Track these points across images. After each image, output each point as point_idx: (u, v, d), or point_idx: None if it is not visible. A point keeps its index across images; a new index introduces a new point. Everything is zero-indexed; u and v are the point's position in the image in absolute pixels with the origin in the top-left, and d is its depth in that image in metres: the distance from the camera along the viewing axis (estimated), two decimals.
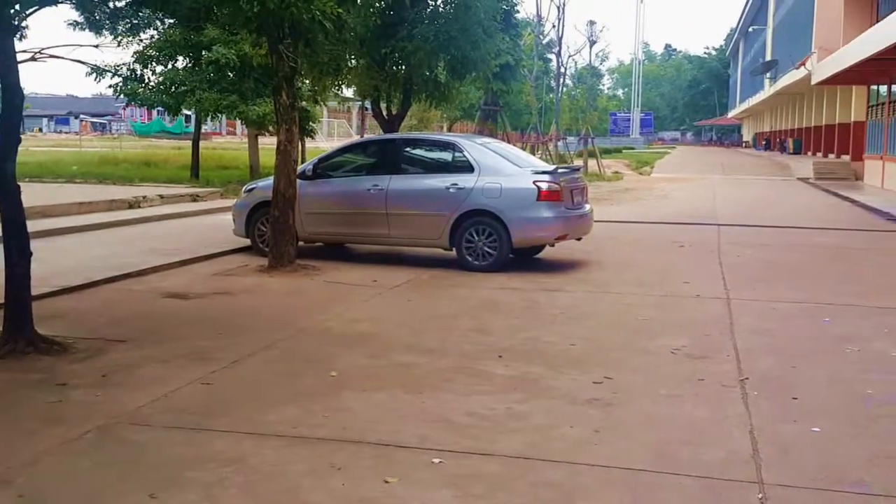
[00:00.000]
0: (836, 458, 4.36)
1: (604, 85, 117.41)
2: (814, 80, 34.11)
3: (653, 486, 4.04)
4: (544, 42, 46.65)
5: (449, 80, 15.80)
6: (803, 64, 36.83)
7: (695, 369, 6.06)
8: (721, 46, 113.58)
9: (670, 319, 7.79)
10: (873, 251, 12.96)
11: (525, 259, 11.16)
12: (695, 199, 23.39)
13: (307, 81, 14.65)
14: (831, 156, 40.23)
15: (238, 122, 28.79)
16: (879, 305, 8.45)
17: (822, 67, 32.01)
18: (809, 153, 47.40)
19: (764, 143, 69.24)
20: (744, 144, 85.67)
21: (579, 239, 11.37)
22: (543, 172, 10.72)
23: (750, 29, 69.64)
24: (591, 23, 62.43)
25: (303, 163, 12.78)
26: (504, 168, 10.72)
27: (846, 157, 36.35)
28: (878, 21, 24.56)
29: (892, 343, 6.86)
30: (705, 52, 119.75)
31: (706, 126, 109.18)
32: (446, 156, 11.24)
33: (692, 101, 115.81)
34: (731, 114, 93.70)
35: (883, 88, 29.27)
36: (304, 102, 16.73)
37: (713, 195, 24.81)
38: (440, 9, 14.93)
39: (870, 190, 27.21)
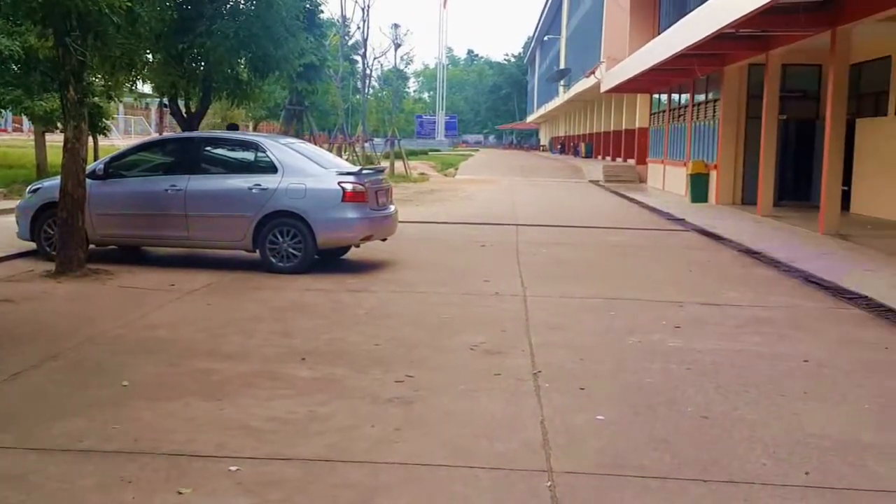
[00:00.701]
0: (618, 444, 4.66)
1: (410, 88, 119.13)
2: (603, 89, 36.18)
3: (449, 480, 4.15)
4: (350, 43, 46.67)
5: (251, 79, 15.48)
6: (593, 73, 39.01)
7: (492, 365, 6.28)
8: (520, 53, 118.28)
9: (470, 317, 8.03)
10: (655, 248, 13.95)
11: (331, 260, 11.14)
12: (496, 200, 24.24)
13: (99, 76, 13.88)
14: (619, 160, 42.91)
15: (24, 118, 26.81)
16: (659, 299, 9.11)
17: (609, 76, 34.01)
18: (600, 157, 50.30)
19: (559, 147, 72.76)
20: (541, 148, 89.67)
21: (384, 239, 11.48)
22: (348, 173, 10.74)
23: (545, 38, 72.96)
24: (396, 26, 62.56)
25: (95, 161, 12.09)
26: (308, 169, 10.64)
27: (632, 161, 38.88)
28: (658, 34, 26.45)
29: (669, 334, 7.41)
30: (505, 59, 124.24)
31: (507, 130, 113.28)
32: (249, 156, 11.01)
33: (494, 105, 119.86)
34: (529, 118, 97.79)
35: (664, 97, 31.53)
36: (95, 98, 15.81)
37: (513, 197, 25.81)
38: (241, 5, 14.61)
39: (653, 192, 29.25)
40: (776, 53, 19.05)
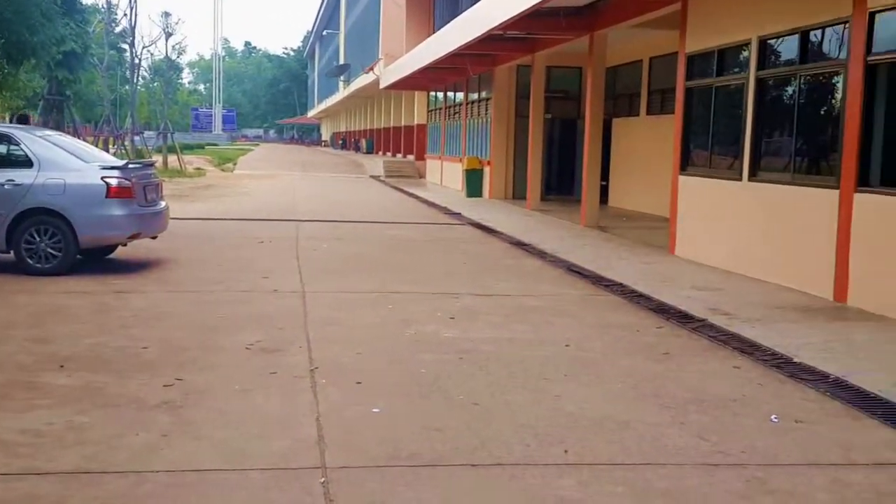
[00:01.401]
0: (393, 435, 4.74)
1: (184, 79, 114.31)
2: (382, 85, 36.60)
3: (220, 484, 4.05)
4: (116, 31, 44.12)
5: (4, 67, 14.28)
6: (372, 69, 39.36)
7: (268, 363, 6.19)
8: (299, 47, 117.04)
9: (248, 315, 7.86)
10: (433, 242, 14.32)
11: (96, 260, 10.51)
12: (276, 195, 23.87)
13: None
14: (400, 155, 43.55)
15: None
16: (435, 291, 9.36)
17: (388, 73, 34.46)
18: (381, 153, 50.84)
19: (341, 142, 72.80)
20: (323, 143, 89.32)
21: (154, 237, 10.98)
22: (113, 168, 10.17)
23: (324, 32, 72.66)
24: (167, 14, 59.91)
25: None
26: (68, 163, 9.97)
27: (412, 157, 39.61)
28: (434, 33, 27.12)
29: (444, 325, 7.64)
30: (284, 52, 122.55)
31: (288, 124, 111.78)
32: (0, 149, 10.15)
33: (274, 99, 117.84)
34: (310, 113, 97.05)
35: (441, 94, 32.38)
36: None
37: (293, 192, 25.53)
38: None
39: (431, 187, 29.99)
40: (541, 55, 20.11)
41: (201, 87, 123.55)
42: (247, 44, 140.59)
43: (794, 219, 9.82)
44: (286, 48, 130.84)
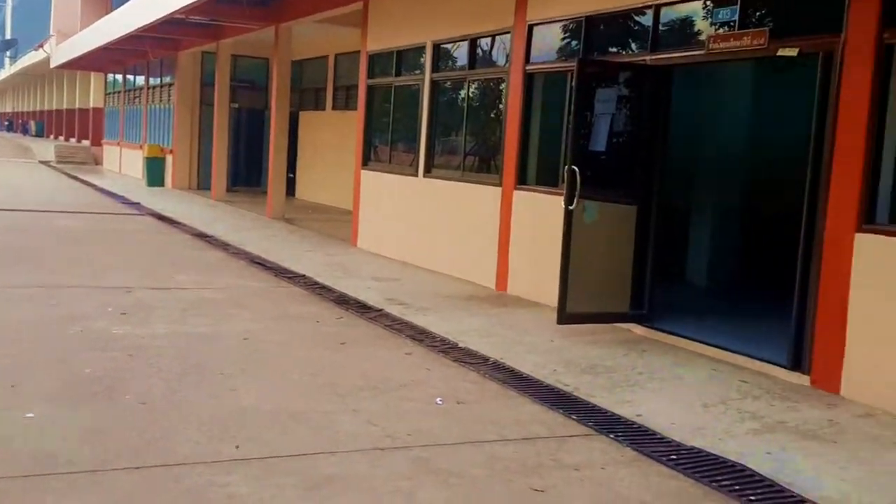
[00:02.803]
0: (47, 442, 4.37)
1: None
2: (53, 64, 33.67)
3: None
4: None
5: None
6: (42, 46, 36.07)
7: None
8: None
9: None
10: (108, 233, 13.43)
11: None
12: None
13: None
14: (73, 140, 40.37)
15: None
16: (107, 286, 8.79)
17: (60, 51, 31.77)
18: (52, 136, 46.77)
19: (7, 123, 65.95)
20: None
21: None
22: None
23: None
24: None
25: None
26: None
27: (87, 142, 36.89)
28: (112, 11, 25.39)
29: (114, 321, 7.18)
30: None
31: None
32: None
33: None
34: None
35: (119, 77, 30.45)
36: None
37: None
38: None
39: (109, 174, 28.14)
40: (227, 43, 19.63)
41: None
42: None
43: (463, 214, 10.48)
44: None
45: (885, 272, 5.79)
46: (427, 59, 11.38)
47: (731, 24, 7.07)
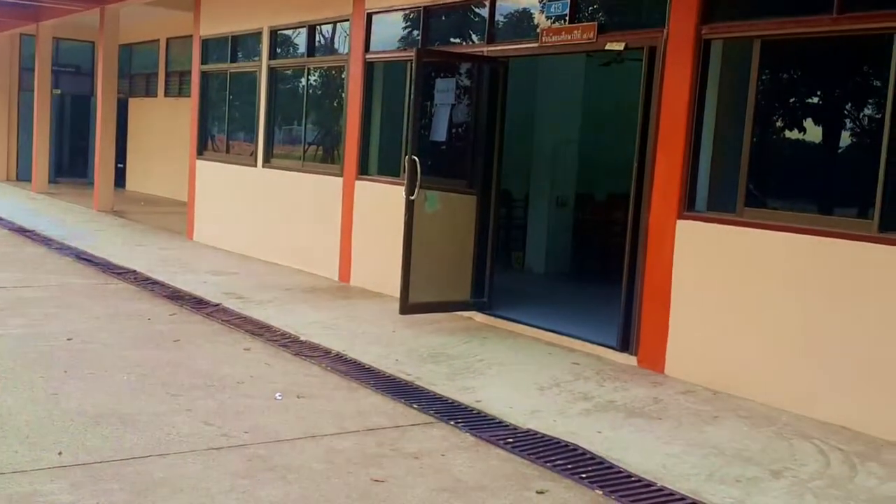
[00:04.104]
0: None
1: None
2: None
3: None
4: None
5: None
6: None
7: None
8: None
9: None
10: None
11: None
12: None
13: None
14: None
15: None
16: None
17: None
18: None
19: None
20: None
21: None
22: None
23: None
24: None
25: None
26: None
27: None
28: None
29: None
30: None
31: None
32: None
33: None
34: None
35: None
36: None
37: None
38: None
39: None
40: (48, 25, 18.45)
41: None
42: None
43: (304, 205, 10.30)
44: None
45: (703, 258, 6.13)
46: (264, 46, 11.09)
47: (564, 17, 7.26)
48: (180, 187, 15.10)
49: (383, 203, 8.91)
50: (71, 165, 21.72)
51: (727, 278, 5.98)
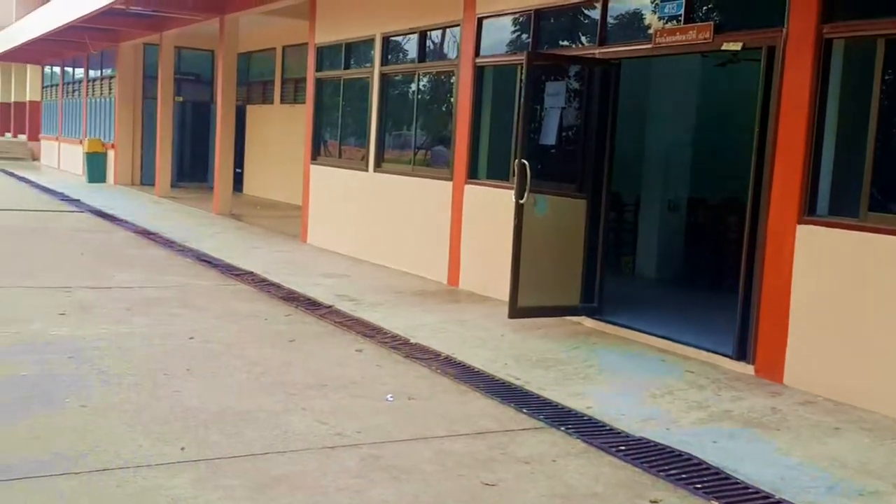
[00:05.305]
0: None
1: None
2: None
3: None
4: None
5: None
6: None
7: None
8: None
9: None
10: (46, 232, 13.07)
11: None
12: None
13: None
14: (8, 135, 39.31)
15: None
16: (45, 286, 8.54)
17: None
18: None
19: None
20: None
21: None
22: None
23: None
24: None
25: None
26: None
27: (23, 137, 35.95)
28: (49, 1, 24.73)
29: (52, 323, 6.98)
30: None
31: None
32: None
33: None
34: None
35: (57, 69, 29.70)
36: None
37: None
38: None
39: (47, 170, 27.46)
40: (170, 35, 19.26)
41: None
42: None
43: (414, 209, 10.42)
44: None
45: (825, 263, 5.89)
46: (377, 52, 11.29)
47: (677, 18, 7.12)
48: (295, 191, 15.52)
49: (492, 207, 8.93)
50: (192, 170, 22.63)
51: (850, 285, 5.74)
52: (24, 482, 3.88)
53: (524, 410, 5.31)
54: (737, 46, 6.55)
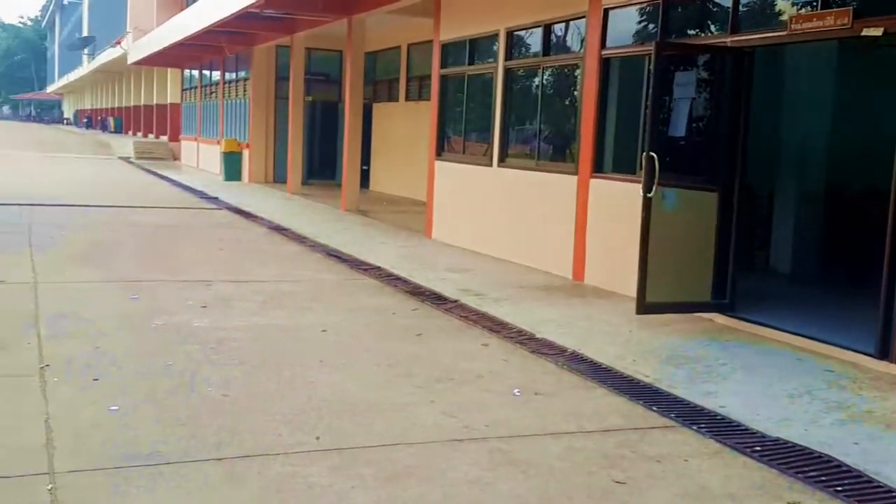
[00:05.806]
0: (131, 434, 4.46)
1: None
2: (130, 60, 34.56)
3: None
4: None
5: None
6: (119, 43, 37.04)
7: None
8: (38, 17, 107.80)
9: None
10: (186, 228, 13.74)
11: None
12: (7, 178, 21.81)
13: None
14: (151, 136, 41.43)
15: None
16: (187, 279, 8.99)
17: (137, 48, 32.59)
18: (130, 132, 48.07)
19: (86, 120, 67.98)
20: (65, 121, 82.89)
21: None
22: None
23: (66, 1, 67.41)
24: None
25: None
26: None
27: (164, 138, 37.79)
28: (187, 7, 25.93)
29: (195, 315, 7.33)
30: (20, 21, 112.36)
31: (25, 100, 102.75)
32: None
33: (8, 72, 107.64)
34: (50, 88, 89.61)
35: (196, 72, 31.09)
36: None
37: (30, 174, 23.48)
38: None
39: (187, 169, 28.80)
40: (300, 37, 19.85)
41: None
42: None
43: (538, 203, 10.39)
44: (23, 17, 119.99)
45: None
46: (500, 47, 11.30)
47: (813, 3, 6.81)
48: (419, 187, 15.73)
49: (619, 201, 8.80)
50: (321, 168, 23.27)
51: None
52: (172, 467, 4.09)
53: (654, 408, 5.22)
54: (877, 32, 6.21)
